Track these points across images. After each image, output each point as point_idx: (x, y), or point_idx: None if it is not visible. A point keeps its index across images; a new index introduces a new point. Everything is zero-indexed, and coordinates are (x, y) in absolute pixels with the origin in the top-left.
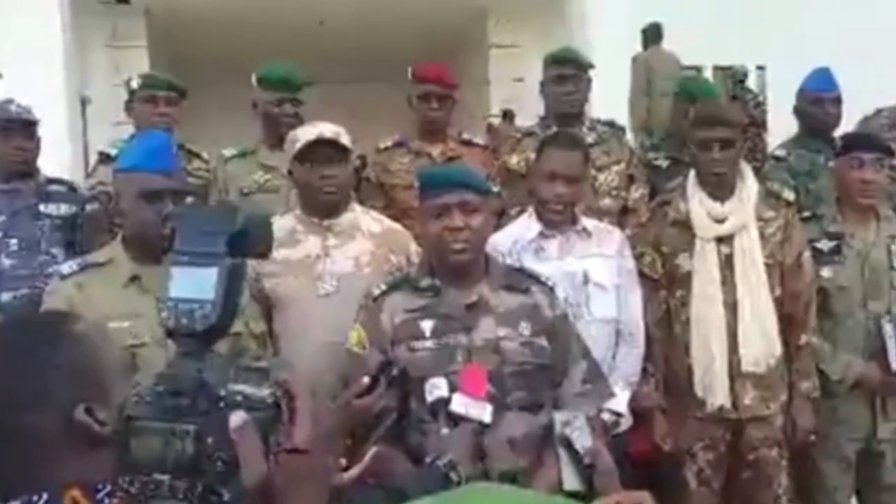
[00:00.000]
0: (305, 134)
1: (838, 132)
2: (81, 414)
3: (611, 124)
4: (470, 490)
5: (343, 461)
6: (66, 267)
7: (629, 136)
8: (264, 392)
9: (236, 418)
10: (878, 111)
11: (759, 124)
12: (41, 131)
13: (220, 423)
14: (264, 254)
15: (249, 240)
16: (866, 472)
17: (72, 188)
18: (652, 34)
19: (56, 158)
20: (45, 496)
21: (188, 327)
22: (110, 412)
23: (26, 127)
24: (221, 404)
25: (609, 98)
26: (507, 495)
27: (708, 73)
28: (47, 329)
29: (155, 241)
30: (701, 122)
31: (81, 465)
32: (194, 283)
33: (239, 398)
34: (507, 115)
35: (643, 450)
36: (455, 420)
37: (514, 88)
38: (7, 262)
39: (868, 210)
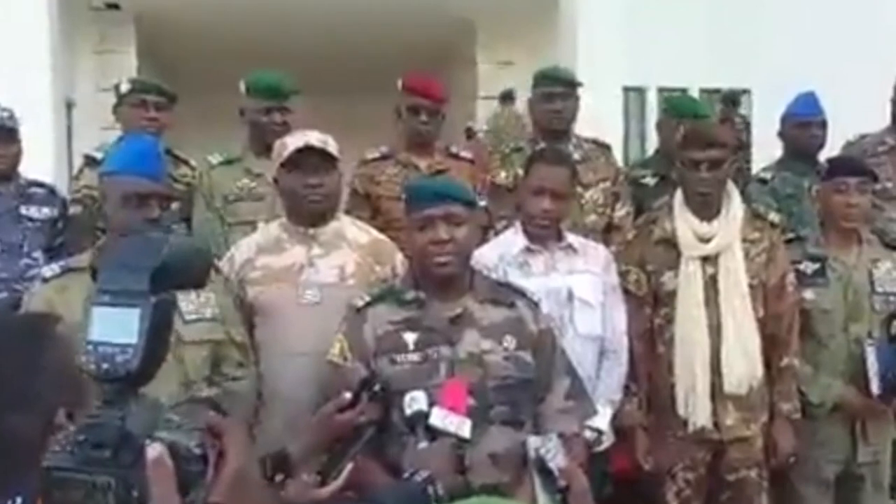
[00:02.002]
0: (293, 142)
1: (822, 156)
2: (63, 419)
3: (597, 142)
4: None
5: (319, 476)
6: (48, 270)
7: None
8: (191, 442)
9: (152, 451)
10: (862, 136)
11: (745, 147)
12: (27, 135)
13: (144, 474)
14: (199, 285)
15: (175, 274)
16: (845, 496)
17: (52, 191)
18: (505, 96)
19: (41, 162)
20: (18, 500)
21: (110, 373)
22: None
23: (6, 132)
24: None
25: (597, 116)
26: None
27: (694, 95)
28: (33, 330)
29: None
30: (691, 141)
31: None
32: (115, 326)
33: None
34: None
35: (624, 468)
36: (433, 434)
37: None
38: None
39: (851, 233)
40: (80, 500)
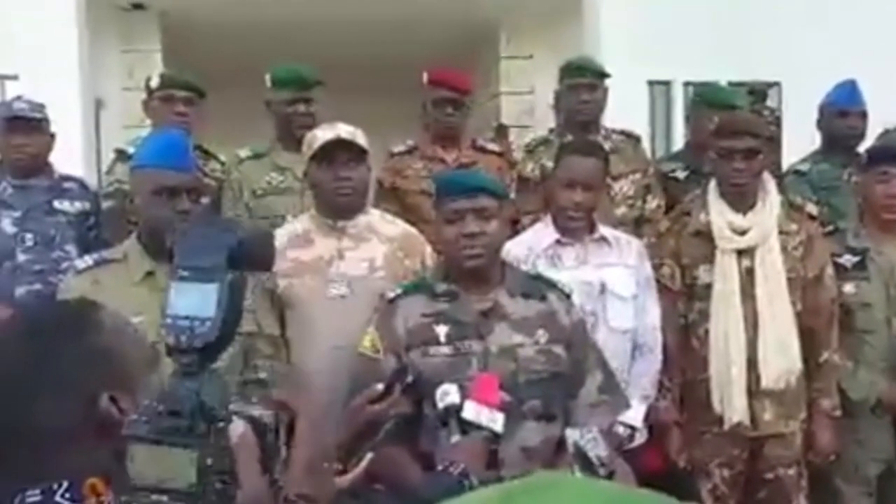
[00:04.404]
0: (323, 135)
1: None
2: (106, 402)
3: (626, 133)
4: (545, 481)
5: (339, 465)
6: (81, 262)
7: None
8: (264, 413)
9: (237, 428)
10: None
11: (775, 141)
12: (56, 132)
13: (218, 444)
14: (267, 268)
15: (249, 255)
16: (888, 495)
17: (84, 185)
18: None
19: (70, 159)
20: (65, 484)
21: (187, 344)
22: (135, 402)
23: (28, 124)
24: (220, 424)
25: (621, 109)
26: (587, 488)
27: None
28: (72, 316)
29: (170, 237)
30: (724, 131)
31: (103, 455)
32: (194, 300)
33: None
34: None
35: (657, 465)
36: (466, 427)
37: (525, 100)
38: (22, 257)
39: (892, 225)
40: (158, 469)
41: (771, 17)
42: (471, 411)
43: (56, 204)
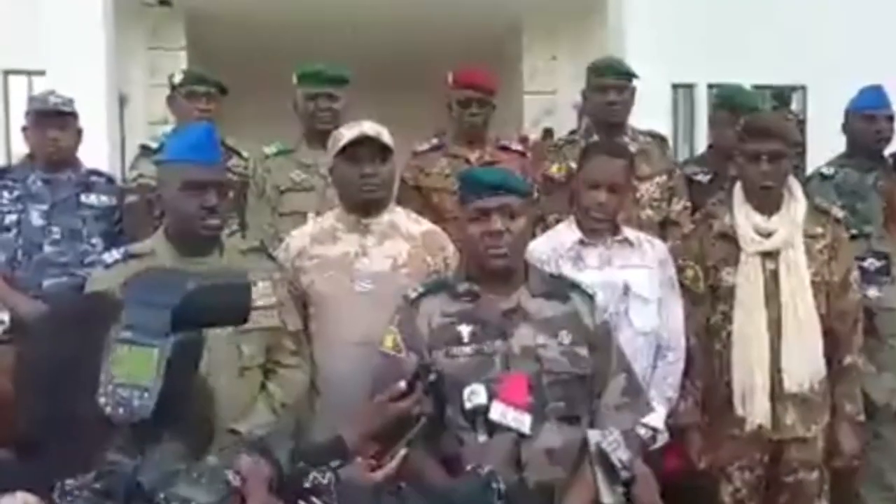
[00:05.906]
0: (349, 132)
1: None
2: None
3: (652, 134)
4: None
5: (373, 461)
6: (109, 256)
7: None
8: (210, 500)
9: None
10: None
11: (799, 146)
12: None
13: None
14: (234, 322)
15: (210, 310)
16: None
17: (110, 180)
18: None
19: (94, 155)
20: None
21: (123, 418)
22: None
23: (61, 118)
24: None
25: (644, 111)
26: None
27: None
28: (112, 306)
29: (198, 232)
30: (751, 133)
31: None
32: (133, 366)
33: None
34: (546, 133)
35: (678, 467)
36: (493, 428)
37: (547, 101)
38: (49, 249)
39: None
40: None
41: (796, 20)
42: (497, 412)
43: (83, 198)
